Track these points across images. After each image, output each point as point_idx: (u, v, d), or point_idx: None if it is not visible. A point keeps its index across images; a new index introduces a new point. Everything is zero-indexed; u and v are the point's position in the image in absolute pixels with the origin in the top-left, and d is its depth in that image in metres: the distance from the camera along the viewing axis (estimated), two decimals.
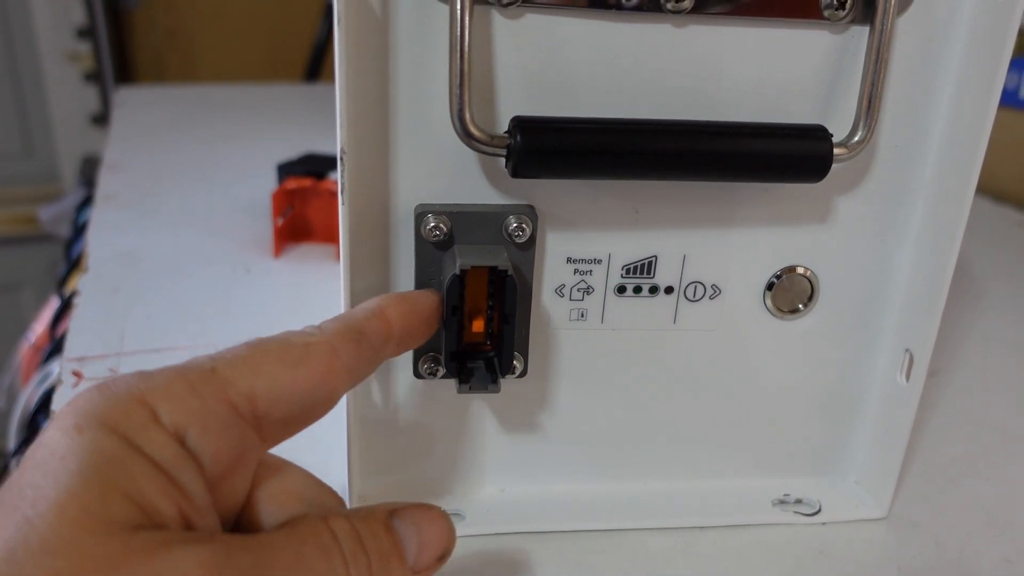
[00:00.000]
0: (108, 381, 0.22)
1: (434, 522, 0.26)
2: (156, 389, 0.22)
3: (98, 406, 0.21)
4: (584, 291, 0.33)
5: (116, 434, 0.21)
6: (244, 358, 0.24)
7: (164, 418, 0.22)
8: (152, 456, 0.21)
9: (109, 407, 0.21)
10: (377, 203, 0.31)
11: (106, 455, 0.21)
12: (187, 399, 0.22)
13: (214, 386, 0.23)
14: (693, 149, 0.30)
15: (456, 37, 0.28)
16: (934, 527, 0.37)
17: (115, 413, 0.21)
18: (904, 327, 0.35)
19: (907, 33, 0.31)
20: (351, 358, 0.26)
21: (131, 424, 0.21)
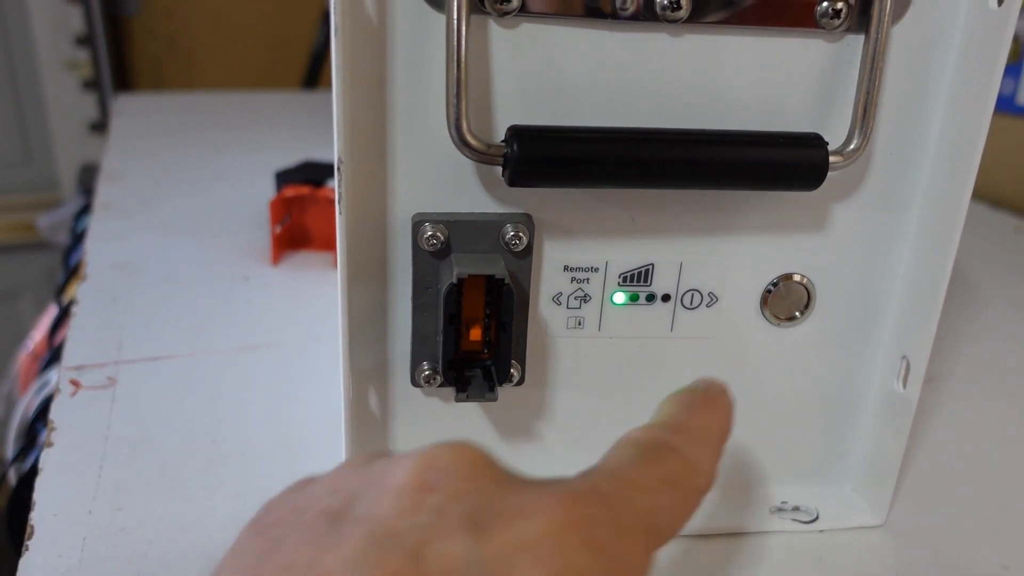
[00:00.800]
0: (583, 519, 0.19)
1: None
2: (627, 564, 0.20)
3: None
4: (581, 299, 0.33)
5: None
6: (670, 512, 0.22)
7: None
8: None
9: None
10: (375, 212, 0.31)
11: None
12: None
13: (652, 551, 0.21)
14: (689, 158, 0.30)
15: (453, 46, 0.28)
16: (931, 534, 0.37)
17: None
18: (901, 334, 0.35)
19: (902, 41, 0.31)
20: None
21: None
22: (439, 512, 0.19)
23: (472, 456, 0.21)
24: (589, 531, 0.19)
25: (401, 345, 0.33)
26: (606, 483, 0.21)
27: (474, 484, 0.20)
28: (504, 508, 0.19)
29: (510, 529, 0.19)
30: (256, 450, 0.41)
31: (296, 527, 0.20)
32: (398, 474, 0.20)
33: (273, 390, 0.46)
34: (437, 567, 0.18)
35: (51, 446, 0.40)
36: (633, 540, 0.20)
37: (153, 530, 0.35)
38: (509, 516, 0.19)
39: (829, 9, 0.30)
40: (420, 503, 0.19)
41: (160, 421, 0.42)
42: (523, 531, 0.19)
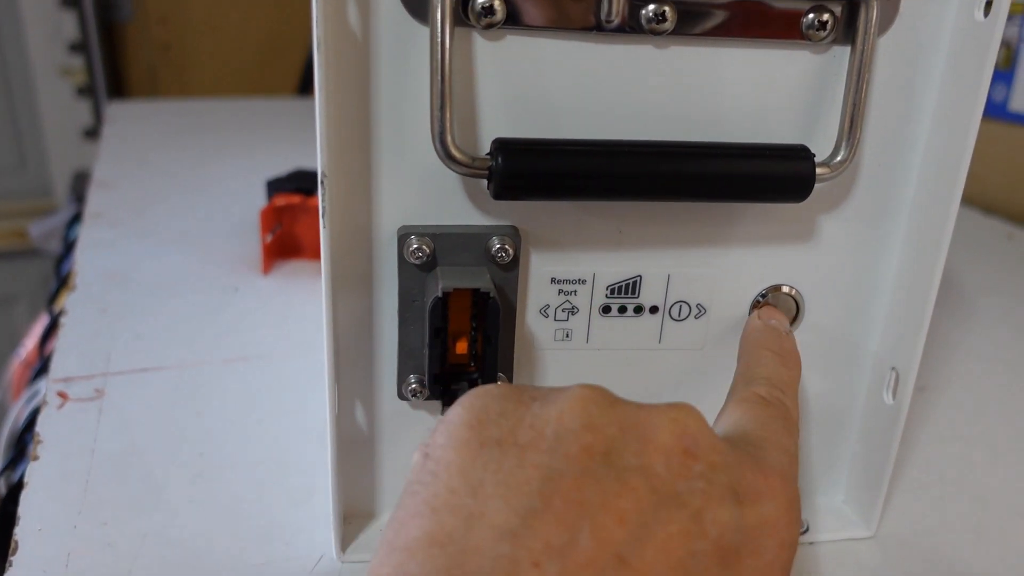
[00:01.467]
0: (797, 499, 0.24)
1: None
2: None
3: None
4: (569, 311, 0.33)
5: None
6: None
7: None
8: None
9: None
10: (359, 226, 0.31)
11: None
12: None
13: None
14: (676, 170, 0.29)
15: (437, 59, 0.27)
16: (922, 546, 0.37)
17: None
18: (889, 345, 0.35)
19: (888, 52, 0.31)
20: None
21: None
22: (708, 480, 0.22)
23: (705, 426, 0.24)
24: (797, 510, 0.24)
25: (387, 359, 0.33)
26: (786, 459, 0.25)
27: (723, 457, 0.23)
28: (752, 485, 0.23)
29: (760, 506, 0.23)
30: (244, 464, 0.40)
31: (561, 456, 0.22)
32: (658, 431, 0.23)
33: (261, 403, 0.45)
34: (715, 531, 0.21)
35: (37, 459, 0.40)
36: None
37: (139, 545, 0.35)
38: (758, 494, 0.23)
39: (815, 21, 0.30)
40: (688, 468, 0.22)
41: (147, 434, 0.42)
42: (768, 510, 0.23)
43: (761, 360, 0.31)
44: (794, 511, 0.24)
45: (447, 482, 0.21)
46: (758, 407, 0.28)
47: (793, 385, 0.30)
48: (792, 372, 0.31)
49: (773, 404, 0.28)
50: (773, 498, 0.23)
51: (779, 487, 0.24)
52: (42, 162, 1.57)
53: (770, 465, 0.24)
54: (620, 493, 0.21)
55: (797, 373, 0.31)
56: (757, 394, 0.29)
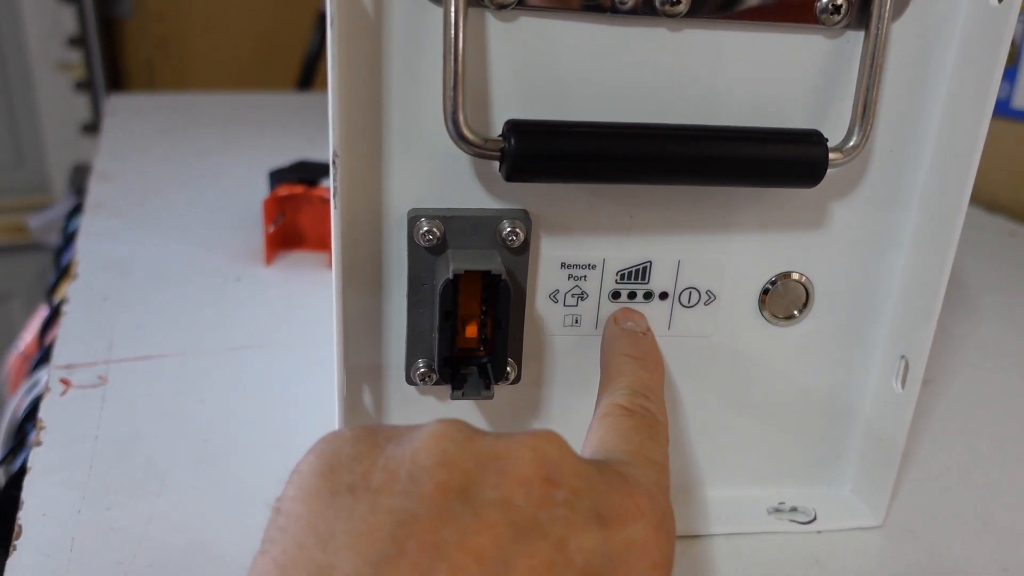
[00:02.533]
0: (668, 514, 0.24)
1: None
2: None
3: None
4: (578, 296, 0.33)
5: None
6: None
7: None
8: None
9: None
10: (370, 207, 0.31)
11: None
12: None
13: None
14: (688, 153, 0.29)
15: (450, 39, 0.27)
16: (930, 536, 0.37)
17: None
18: (899, 334, 0.35)
19: (902, 38, 0.31)
20: None
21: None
22: (570, 507, 0.21)
23: (567, 451, 0.23)
24: (669, 525, 0.23)
25: (396, 342, 0.33)
26: (654, 472, 0.25)
27: (585, 482, 0.22)
28: (618, 507, 0.22)
29: (627, 528, 0.22)
30: (246, 450, 0.40)
31: (415, 498, 0.20)
32: (517, 462, 0.22)
33: (264, 390, 0.45)
34: (580, 558, 0.20)
35: (40, 445, 0.39)
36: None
37: (142, 530, 0.34)
38: (624, 516, 0.22)
39: (829, 5, 0.29)
40: (549, 497, 0.21)
41: (150, 420, 0.42)
42: (636, 531, 0.22)
43: (620, 367, 0.30)
44: (664, 529, 0.23)
45: (296, 537, 0.20)
46: (621, 419, 0.27)
47: (656, 389, 0.30)
48: (653, 375, 0.30)
49: (637, 413, 0.28)
50: (640, 518, 0.22)
51: (647, 506, 0.23)
52: (40, 157, 1.57)
53: (637, 482, 0.24)
54: (478, 530, 0.20)
55: (659, 375, 0.31)
56: (619, 405, 0.28)
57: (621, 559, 0.21)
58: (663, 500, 0.24)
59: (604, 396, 0.29)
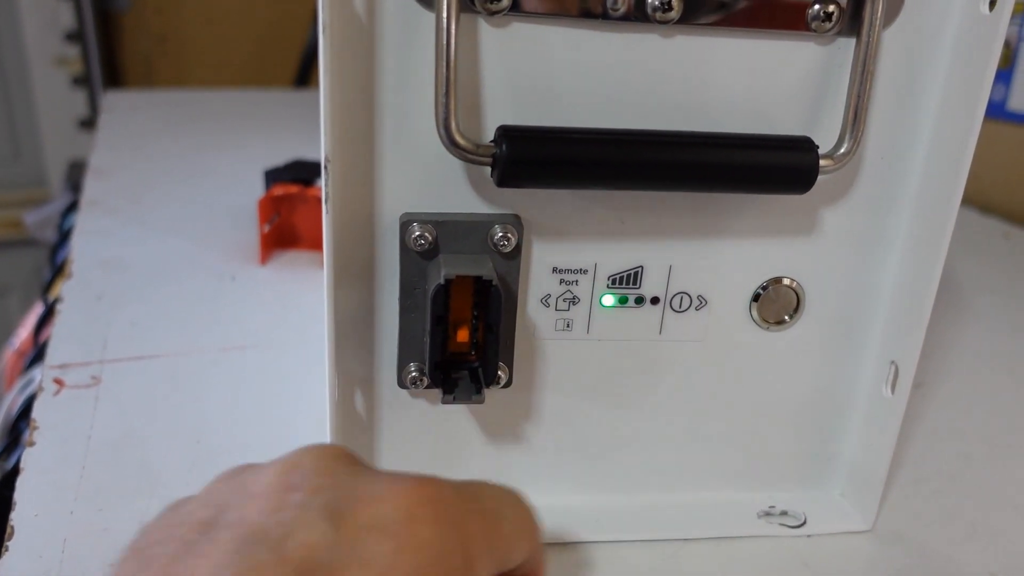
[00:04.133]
0: (433, 498, 0.22)
1: None
2: (474, 546, 0.22)
3: (440, 553, 0.21)
4: (570, 301, 0.33)
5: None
6: (516, 533, 0.24)
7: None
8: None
9: (448, 558, 0.21)
10: (362, 212, 0.31)
11: None
12: (487, 564, 0.23)
13: (500, 553, 0.23)
14: (679, 160, 0.29)
15: (442, 45, 0.27)
16: (919, 540, 0.37)
17: (450, 567, 0.21)
18: (890, 339, 0.35)
19: (893, 45, 0.31)
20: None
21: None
22: (301, 507, 0.21)
23: (332, 453, 0.23)
24: (435, 509, 0.21)
25: (388, 346, 0.33)
26: (456, 481, 0.23)
27: (333, 479, 0.22)
28: (360, 495, 0.21)
29: (364, 512, 0.21)
30: (241, 451, 0.40)
31: (169, 542, 0.21)
32: (263, 479, 0.22)
33: (259, 391, 0.45)
34: (298, 555, 0.19)
35: (33, 445, 0.39)
36: (477, 520, 0.22)
37: (135, 531, 0.34)
38: (364, 502, 0.21)
39: (821, 12, 0.30)
40: (284, 502, 0.21)
41: (144, 421, 0.42)
42: (376, 513, 0.21)
43: None
44: (427, 511, 0.21)
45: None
46: None
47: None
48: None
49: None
50: (389, 501, 0.21)
51: (401, 489, 0.22)
52: (37, 152, 1.56)
53: (402, 473, 0.23)
54: (205, 553, 0.20)
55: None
56: None
57: (352, 546, 0.20)
58: (431, 485, 0.22)
59: None
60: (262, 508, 0.21)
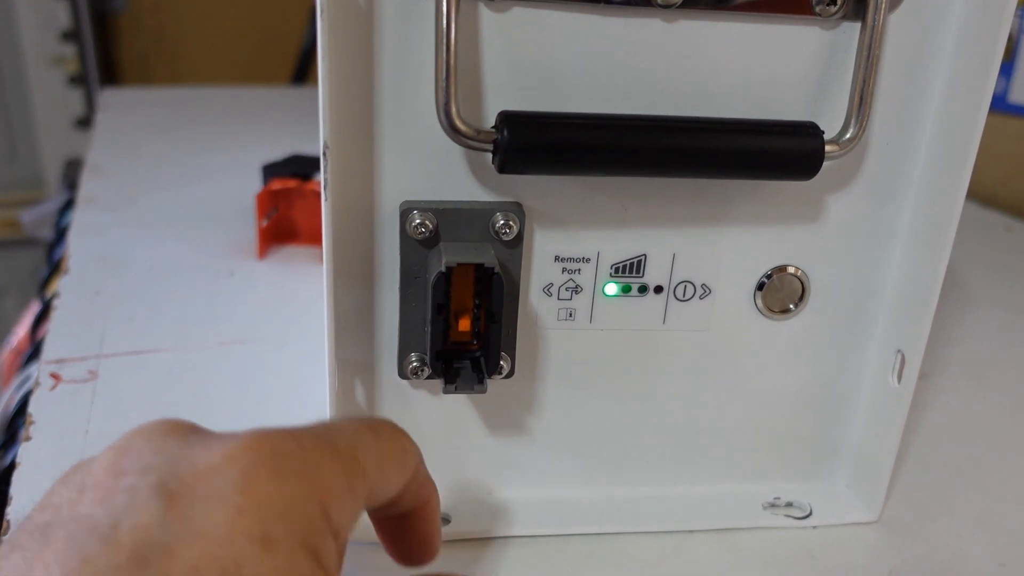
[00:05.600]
0: (274, 459, 0.21)
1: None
2: (327, 486, 0.21)
3: (285, 512, 0.20)
4: (572, 290, 0.33)
5: (305, 549, 0.20)
6: (375, 450, 0.24)
7: (333, 521, 0.21)
8: (330, 561, 0.21)
9: (297, 514, 0.20)
10: (361, 200, 0.30)
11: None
12: (349, 505, 0.22)
13: (364, 490, 0.23)
14: (683, 145, 0.29)
15: (442, 30, 0.27)
16: (926, 531, 0.37)
17: (303, 523, 0.20)
18: (896, 328, 0.35)
19: (898, 30, 0.30)
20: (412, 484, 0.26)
21: (315, 535, 0.21)
22: (131, 491, 0.20)
23: (163, 428, 0.22)
24: (276, 464, 0.20)
25: (388, 336, 0.32)
26: (303, 427, 0.22)
27: (163, 455, 0.21)
28: (192, 467, 0.20)
29: (197, 484, 0.20)
30: None
31: (12, 554, 0.19)
32: (95, 469, 0.21)
33: (257, 386, 0.45)
34: (129, 539, 0.19)
35: (29, 440, 0.39)
36: (328, 463, 0.21)
37: None
38: (197, 473, 0.20)
39: None
40: (114, 488, 0.20)
41: (141, 416, 0.41)
42: (209, 482, 0.20)
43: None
44: (257, 470, 0.20)
45: None
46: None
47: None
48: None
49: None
50: (219, 465, 0.20)
51: (236, 450, 0.20)
52: (33, 152, 1.56)
53: (231, 436, 0.21)
54: (39, 557, 0.19)
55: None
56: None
57: (186, 520, 0.19)
58: (267, 441, 0.21)
59: None
60: (93, 499, 0.20)
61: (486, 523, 0.35)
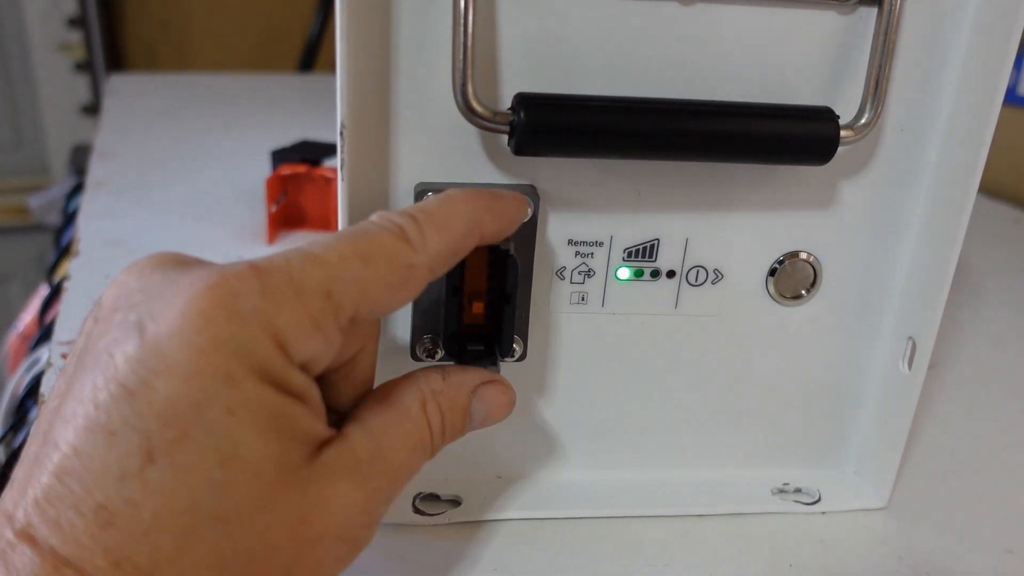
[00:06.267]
0: (229, 299, 0.22)
1: (502, 404, 0.29)
2: (286, 326, 0.22)
3: (241, 349, 0.22)
4: (585, 274, 0.33)
5: (268, 383, 0.22)
6: (357, 282, 0.24)
7: (294, 355, 0.23)
8: (299, 394, 0.23)
9: (253, 351, 0.22)
10: (377, 181, 0.30)
11: (271, 409, 0.22)
12: (313, 336, 0.23)
13: (331, 316, 0.23)
14: (698, 129, 0.29)
15: (460, 11, 0.27)
16: (934, 518, 0.37)
17: (260, 359, 0.22)
18: (907, 314, 0.35)
19: (915, 15, 0.30)
20: (437, 274, 0.26)
21: (275, 368, 0.22)
22: (121, 326, 0.22)
23: (151, 263, 0.24)
24: (232, 305, 0.22)
25: (401, 318, 0.32)
26: (278, 258, 0.23)
27: (145, 293, 0.23)
28: (165, 305, 0.22)
29: (167, 323, 0.21)
30: None
31: (59, 377, 0.24)
32: (104, 302, 0.23)
33: None
34: (121, 373, 0.21)
35: None
36: (289, 307, 0.22)
37: None
38: (166, 311, 0.21)
39: None
40: (111, 324, 0.22)
41: None
42: (175, 321, 0.21)
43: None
44: (215, 311, 0.21)
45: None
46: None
47: (440, 215, 0.26)
48: (451, 205, 0.26)
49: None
50: (182, 305, 0.21)
51: (199, 290, 0.21)
52: (39, 139, 1.56)
53: (215, 267, 0.23)
54: (71, 383, 0.22)
55: (460, 209, 0.26)
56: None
57: (160, 357, 0.21)
58: (226, 283, 0.22)
59: None
60: (100, 332, 0.22)
61: (496, 505, 0.35)
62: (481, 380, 0.29)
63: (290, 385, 0.23)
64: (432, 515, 0.34)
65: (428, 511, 0.34)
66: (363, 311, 0.24)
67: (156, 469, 0.21)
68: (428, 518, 0.34)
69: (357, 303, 0.24)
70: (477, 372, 0.29)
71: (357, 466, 0.24)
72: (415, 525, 0.34)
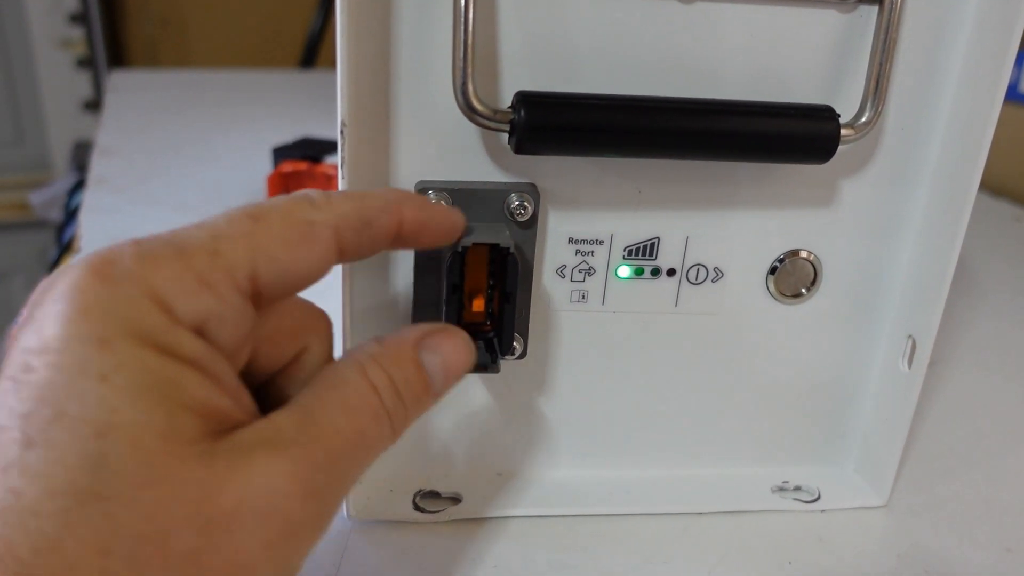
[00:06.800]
0: (101, 265, 0.21)
1: (456, 348, 0.27)
2: (166, 283, 0.21)
3: (113, 310, 0.20)
4: (585, 272, 0.33)
5: (148, 345, 0.21)
6: (246, 237, 0.23)
7: (181, 316, 0.21)
8: (191, 360, 0.21)
9: (127, 312, 0.21)
10: (377, 179, 0.30)
11: (152, 373, 0.20)
12: (200, 294, 0.22)
13: (221, 273, 0.22)
14: (699, 127, 0.29)
15: (460, 9, 0.27)
16: (934, 516, 0.37)
17: (136, 319, 0.21)
18: (907, 313, 0.35)
19: (915, 13, 0.30)
20: (350, 244, 0.25)
21: (156, 329, 0.21)
22: (23, 323, 0.21)
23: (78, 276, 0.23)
24: (103, 270, 0.21)
25: (402, 316, 0.33)
26: (166, 233, 0.23)
27: (52, 278, 0.22)
28: (51, 289, 0.21)
29: (46, 304, 0.21)
30: None
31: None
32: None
33: None
34: (15, 357, 0.20)
35: None
36: (169, 264, 0.21)
37: None
38: (49, 293, 0.21)
39: None
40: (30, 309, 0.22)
41: None
42: (46, 297, 0.21)
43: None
44: (91, 278, 0.21)
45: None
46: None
47: (352, 194, 0.25)
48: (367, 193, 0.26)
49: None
50: (61, 277, 0.21)
51: (62, 285, 0.21)
52: (40, 135, 1.56)
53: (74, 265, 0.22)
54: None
55: (374, 193, 0.26)
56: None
57: (37, 333, 0.20)
58: (104, 254, 0.21)
59: None
60: (22, 324, 0.22)
61: (496, 503, 0.35)
62: (423, 332, 0.27)
63: (178, 349, 0.21)
64: (432, 512, 0.34)
65: (428, 508, 0.34)
66: (262, 269, 0.23)
67: (33, 452, 0.19)
68: (428, 515, 0.34)
69: (252, 260, 0.23)
70: (417, 327, 0.27)
71: (279, 436, 0.22)
72: (415, 522, 0.34)
